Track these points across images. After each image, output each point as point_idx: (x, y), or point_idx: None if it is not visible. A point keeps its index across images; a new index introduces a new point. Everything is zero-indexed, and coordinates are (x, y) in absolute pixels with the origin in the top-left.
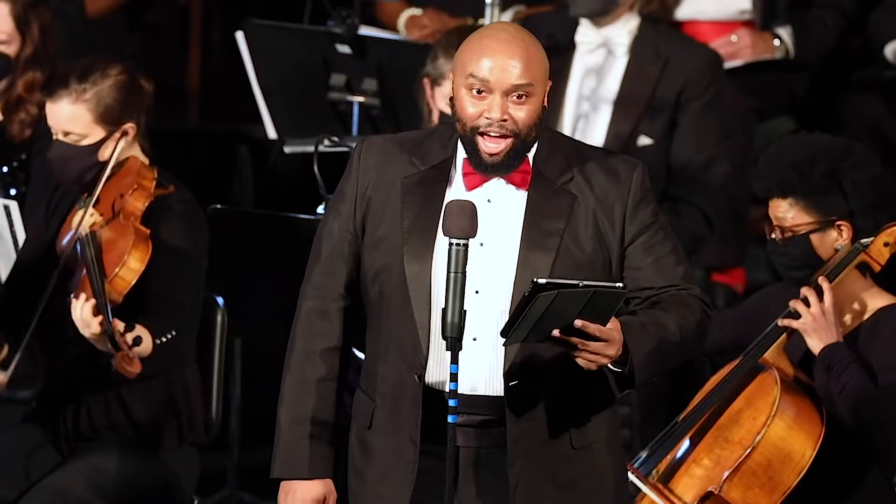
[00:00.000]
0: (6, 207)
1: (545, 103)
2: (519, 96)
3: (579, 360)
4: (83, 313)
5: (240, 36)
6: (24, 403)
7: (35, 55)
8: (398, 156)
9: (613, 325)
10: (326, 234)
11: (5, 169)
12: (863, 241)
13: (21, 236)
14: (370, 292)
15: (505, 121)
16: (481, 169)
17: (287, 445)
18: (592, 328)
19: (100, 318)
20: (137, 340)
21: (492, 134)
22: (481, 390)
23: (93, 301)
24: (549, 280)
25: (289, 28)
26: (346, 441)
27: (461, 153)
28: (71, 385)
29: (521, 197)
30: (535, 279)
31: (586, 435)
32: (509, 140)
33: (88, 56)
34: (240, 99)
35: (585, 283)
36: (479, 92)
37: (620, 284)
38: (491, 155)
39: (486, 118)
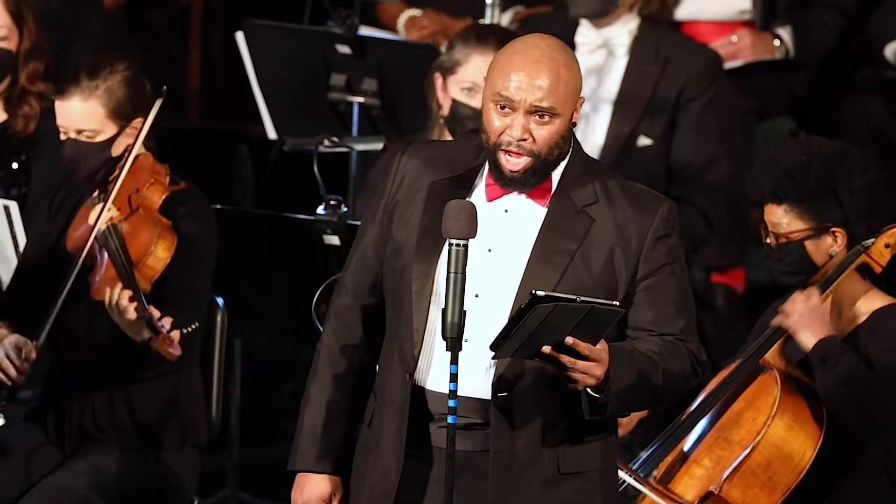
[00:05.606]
0: (6, 208)
1: (575, 120)
2: (542, 116)
3: (564, 380)
4: (120, 301)
5: (240, 36)
6: (25, 403)
7: (34, 47)
8: (435, 163)
9: (602, 346)
10: (359, 234)
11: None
12: (864, 242)
13: (21, 237)
14: (387, 293)
15: (525, 140)
16: (502, 182)
17: (304, 437)
18: (583, 347)
19: (135, 304)
20: (175, 324)
21: (512, 150)
22: (467, 392)
23: (125, 289)
24: (548, 293)
25: (289, 28)
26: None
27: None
28: (76, 384)
29: (539, 212)
30: (534, 290)
31: (577, 461)
32: (528, 159)
33: (93, 54)
34: (240, 99)
35: (583, 298)
36: (503, 108)
37: (617, 303)
38: (511, 171)
39: (508, 136)
